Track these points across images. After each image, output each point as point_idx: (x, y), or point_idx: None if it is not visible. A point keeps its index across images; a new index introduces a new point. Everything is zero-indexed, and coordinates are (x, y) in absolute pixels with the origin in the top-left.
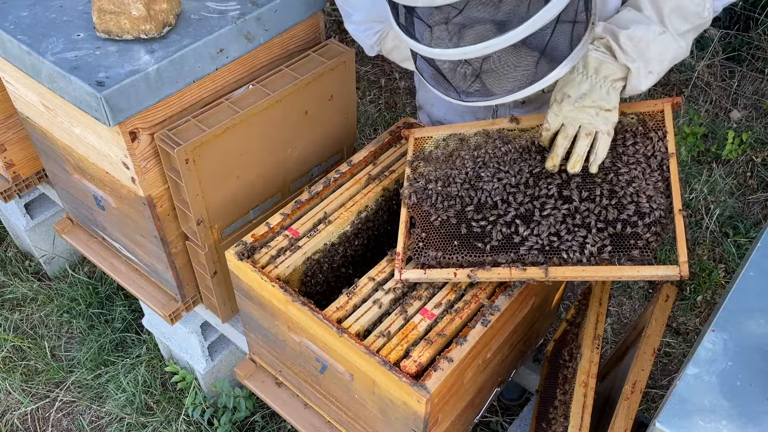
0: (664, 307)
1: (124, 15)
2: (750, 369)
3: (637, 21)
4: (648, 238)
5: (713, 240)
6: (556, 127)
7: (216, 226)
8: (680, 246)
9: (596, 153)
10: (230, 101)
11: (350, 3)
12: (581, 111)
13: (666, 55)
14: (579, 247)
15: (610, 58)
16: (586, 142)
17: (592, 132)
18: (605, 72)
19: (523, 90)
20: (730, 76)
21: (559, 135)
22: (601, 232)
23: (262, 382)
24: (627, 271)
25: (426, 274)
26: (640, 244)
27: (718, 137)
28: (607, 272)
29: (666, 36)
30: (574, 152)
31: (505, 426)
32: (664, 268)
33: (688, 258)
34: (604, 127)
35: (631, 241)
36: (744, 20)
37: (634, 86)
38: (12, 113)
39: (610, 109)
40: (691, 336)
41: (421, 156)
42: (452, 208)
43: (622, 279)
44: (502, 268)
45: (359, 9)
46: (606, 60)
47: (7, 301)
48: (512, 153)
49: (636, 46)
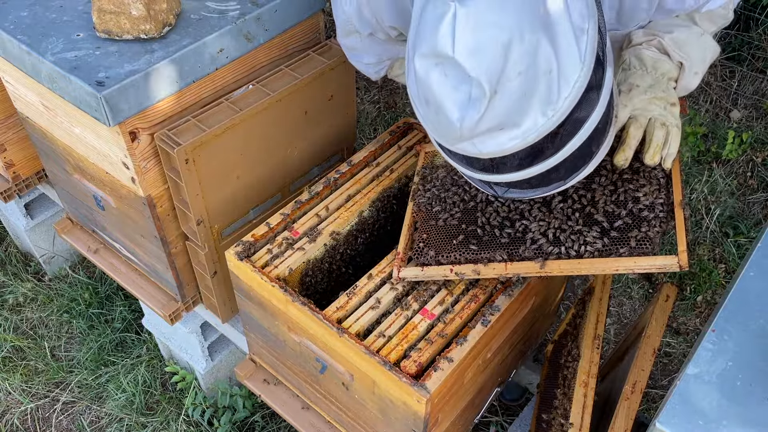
0: (664, 307)
1: (124, 15)
2: (750, 369)
3: (677, 25)
4: (647, 231)
5: (713, 240)
6: (624, 118)
7: (216, 226)
8: (680, 236)
9: (669, 147)
10: (230, 101)
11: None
12: (651, 102)
13: (707, 55)
14: (576, 242)
15: (664, 56)
16: (662, 132)
17: (665, 124)
18: (662, 69)
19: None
20: (730, 76)
21: (631, 126)
22: (598, 225)
23: (262, 382)
24: (624, 262)
25: (423, 271)
26: (638, 237)
27: (718, 137)
28: (603, 264)
29: (706, 37)
30: (652, 143)
31: (505, 426)
32: (662, 258)
33: (687, 249)
34: (674, 120)
35: (630, 233)
36: (744, 20)
37: (684, 85)
38: (12, 113)
39: (675, 103)
40: (691, 336)
41: (431, 167)
42: (455, 210)
43: (619, 271)
44: (498, 264)
45: (370, 53)
46: (661, 58)
47: (7, 301)
48: None
49: (681, 48)
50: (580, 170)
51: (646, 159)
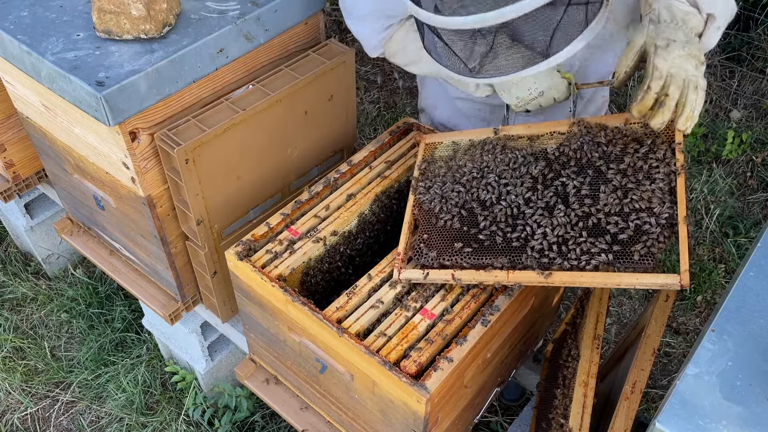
0: (664, 307)
1: (124, 15)
2: (750, 369)
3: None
4: (650, 247)
5: (713, 240)
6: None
7: (216, 226)
8: (682, 255)
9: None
10: (230, 101)
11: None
12: (687, 60)
13: (728, 12)
14: (579, 254)
15: (693, 9)
16: (694, 96)
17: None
18: (691, 23)
19: (536, 66)
20: (730, 76)
21: (671, 86)
22: (602, 238)
23: (262, 382)
24: (626, 278)
25: (425, 274)
26: (642, 252)
27: (718, 137)
28: (605, 279)
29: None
30: (686, 107)
31: (505, 426)
32: (663, 276)
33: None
34: (703, 82)
35: (632, 248)
36: (744, 20)
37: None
38: (12, 113)
39: (704, 62)
40: (691, 336)
41: (430, 160)
42: (456, 211)
43: (621, 286)
44: (500, 272)
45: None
46: (691, 11)
47: (7, 301)
48: (519, 159)
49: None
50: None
51: (680, 124)
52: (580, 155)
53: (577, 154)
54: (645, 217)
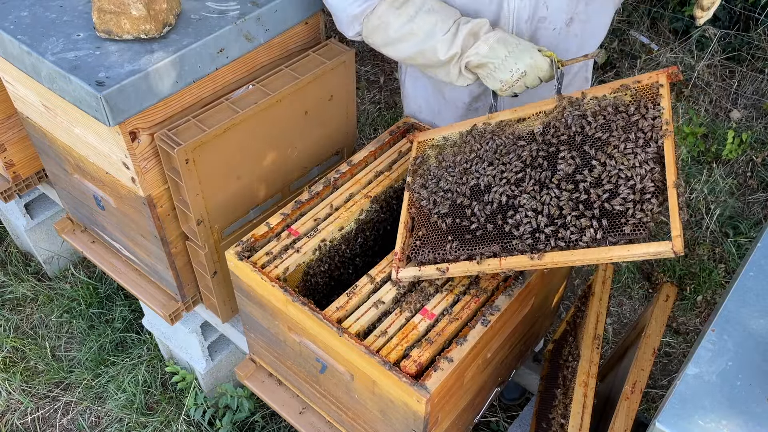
0: (664, 307)
1: (124, 15)
2: (750, 369)
3: None
4: (640, 217)
5: (713, 240)
6: None
7: (216, 226)
8: (673, 220)
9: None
10: (230, 101)
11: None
12: None
13: None
14: (570, 233)
15: None
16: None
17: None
18: None
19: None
20: (730, 76)
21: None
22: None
23: (262, 382)
24: (617, 251)
25: (420, 271)
26: (632, 222)
27: (718, 137)
28: (596, 254)
29: None
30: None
31: (505, 426)
32: (656, 245)
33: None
34: None
35: (622, 219)
36: (744, 20)
37: None
38: (12, 113)
39: None
40: (691, 336)
41: (423, 157)
42: (447, 204)
43: (613, 260)
44: (493, 259)
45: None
46: None
47: (7, 301)
48: (508, 144)
49: None
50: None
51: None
52: (566, 131)
53: (563, 130)
54: (634, 185)
